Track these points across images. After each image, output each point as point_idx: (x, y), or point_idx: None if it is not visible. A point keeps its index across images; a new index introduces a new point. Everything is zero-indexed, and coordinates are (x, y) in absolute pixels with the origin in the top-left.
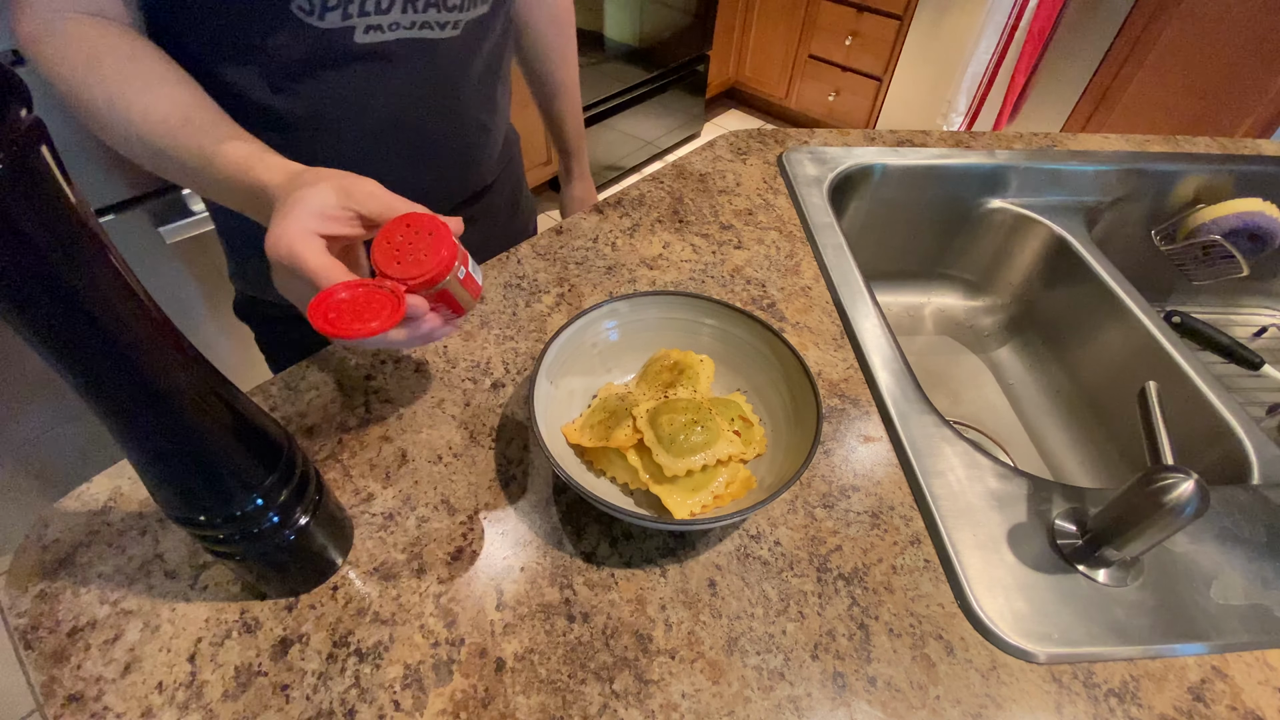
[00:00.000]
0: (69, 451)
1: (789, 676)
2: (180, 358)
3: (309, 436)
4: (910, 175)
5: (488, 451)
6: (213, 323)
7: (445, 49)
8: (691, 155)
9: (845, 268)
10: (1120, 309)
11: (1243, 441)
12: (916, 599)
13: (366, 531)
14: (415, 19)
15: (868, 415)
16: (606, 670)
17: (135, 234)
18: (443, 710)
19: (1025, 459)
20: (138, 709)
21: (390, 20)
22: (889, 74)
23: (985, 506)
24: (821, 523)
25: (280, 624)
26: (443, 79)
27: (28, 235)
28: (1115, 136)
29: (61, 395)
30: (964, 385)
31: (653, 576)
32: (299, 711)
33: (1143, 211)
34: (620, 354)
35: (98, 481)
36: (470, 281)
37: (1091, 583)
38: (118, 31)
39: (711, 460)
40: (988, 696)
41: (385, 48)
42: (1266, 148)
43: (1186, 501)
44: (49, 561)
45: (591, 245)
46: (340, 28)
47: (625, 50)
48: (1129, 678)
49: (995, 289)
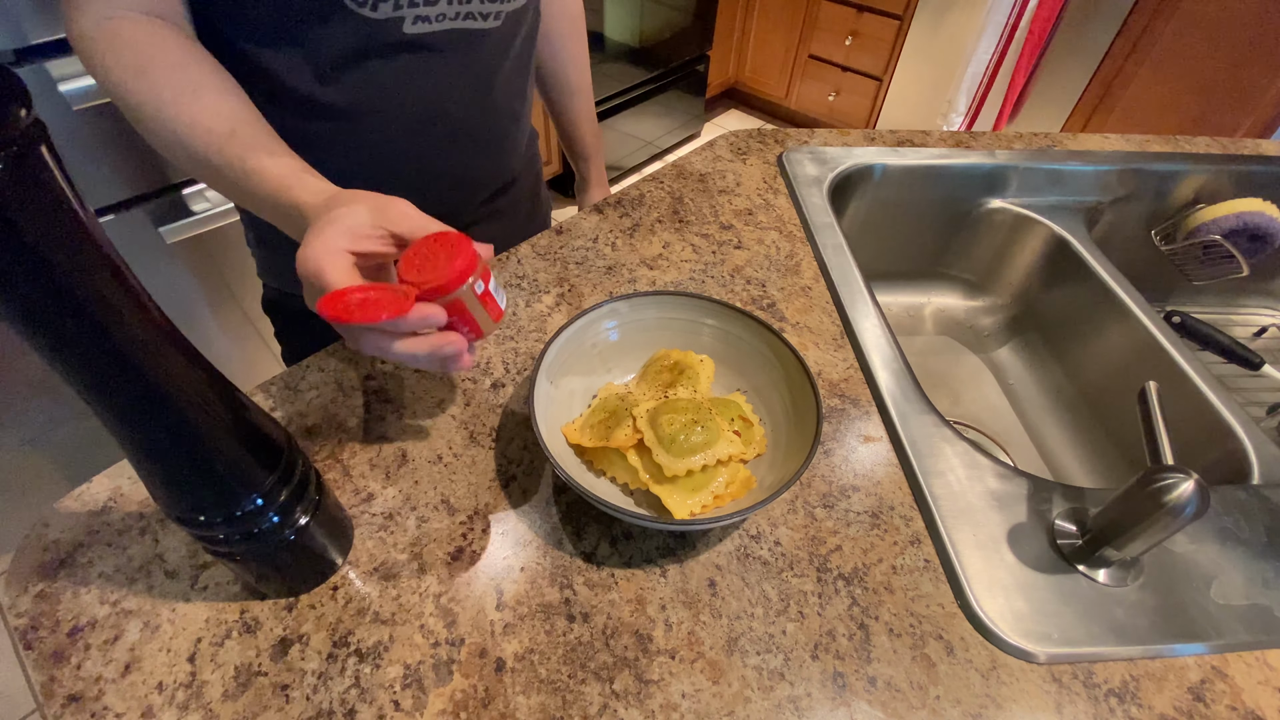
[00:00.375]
0: (69, 451)
1: (789, 676)
2: (180, 358)
3: (309, 436)
4: (910, 175)
5: (488, 451)
6: (213, 323)
7: (487, 40)
8: (691, 155)
9: (845, 268)
10: (1120, 309)
11: (1243, 441)
12: (916, 599)
13: (366, 531)
14: (461, 9)
15: (868, 415)
16: (606, 670)
17: (135, 234)
18: (443, 710)
19: (1025, 459)
20: (138, 709)
21: (438, 11)
22: (889, 74)
23: (985, 506)
24: (821, 523)
25: (280, 624)
26: (482, 69)
27: (27, 235)
28: (1115, 136)
29: (61, 395)
30: (964, 385)
31: (653, 576)
32: (299, 711)
33: (1143, 211)
34: (620, 354)
35: (98, 481)
36: (490, 300)
37: (1091, 583)
38: (170, 35)
39: (711, 460)
40: (988, 696)
41: (432, 38)
42: (1266, 148)
43: (1186, 501)
44: (49, 561)
45: (591, 245)
46: (390, 18)
47: (625, 50)
48: (1129, 678)
49: (995, 289)
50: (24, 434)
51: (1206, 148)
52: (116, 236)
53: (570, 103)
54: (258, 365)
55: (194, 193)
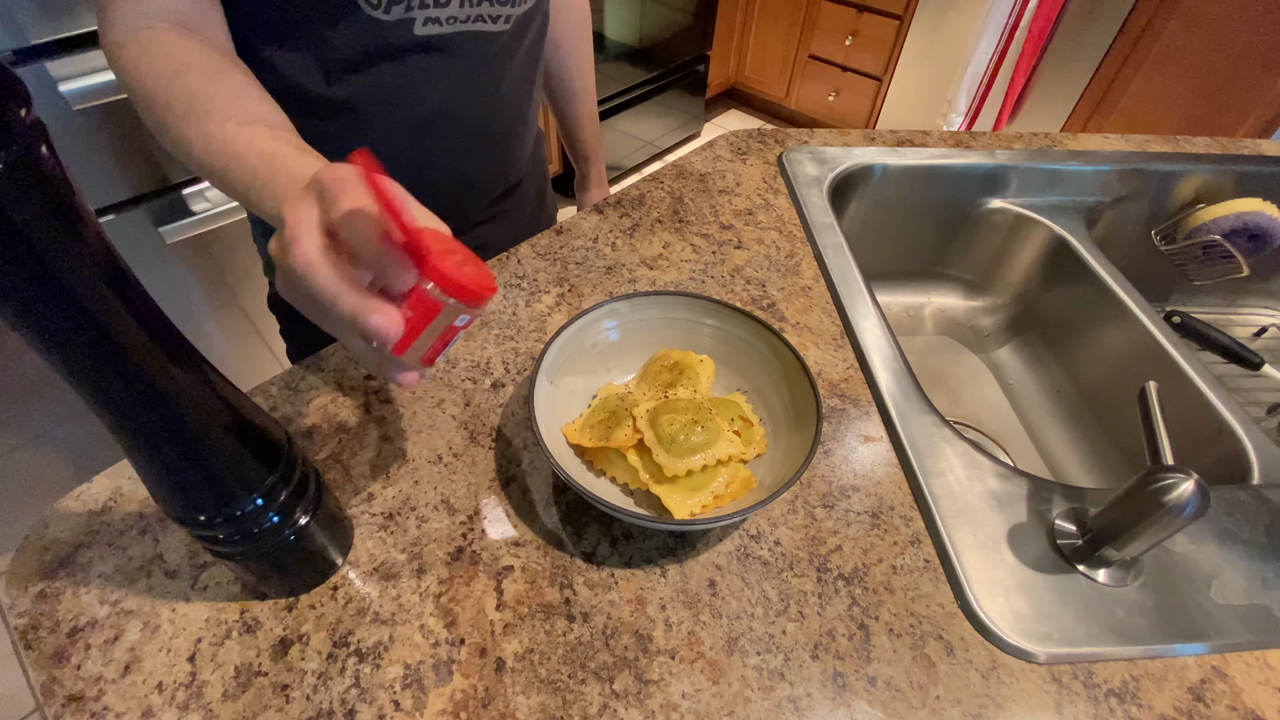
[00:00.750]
0: (69, 451)
1: (789, 676)
2: (180, 358)
3: (309, 436)
4: (910, 175)
5: (488, 451)
6: (213, 323)
7: (495, 42)
8: (691, 155)
9: (845, 268)
10: (1120, 309)
11: (1243, 441)
12: (916, 599)
13: (366, 531)
14: (471, 12)
15: (868, 415)
16: (606, 670)
17: (135, 234)
18: (443, 710)
19: (1025, 459)
20: (138, 709)
21: (448, 14)
22: (889, 74)
23: (985, 506)
24: (821, 523)
25: (280, 624)
26: (490, 71)
27: (27, 235)
28: (1115, 136)
29: (61, 395)
30: (964, 385)
31: (653, 576)
32: (299, 711)
33: (1143, 211)
34: (620, 354)
35: (98, 481)
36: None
37: (1091, 583)
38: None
39: (711, 460)
40: (988, 696)
41: (441, 40)
42: (1266, 148)
43: (1186, 501)
44: (49, 561)
45: (591, 245)
46: (402, 20)
47: (625, 50)
48: (1129, 678)
49: (995, 289)
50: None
51: (1206, 148)
52: (116, 236)
53: (573, 105)
54: (258, 365)
55: (194, 193)
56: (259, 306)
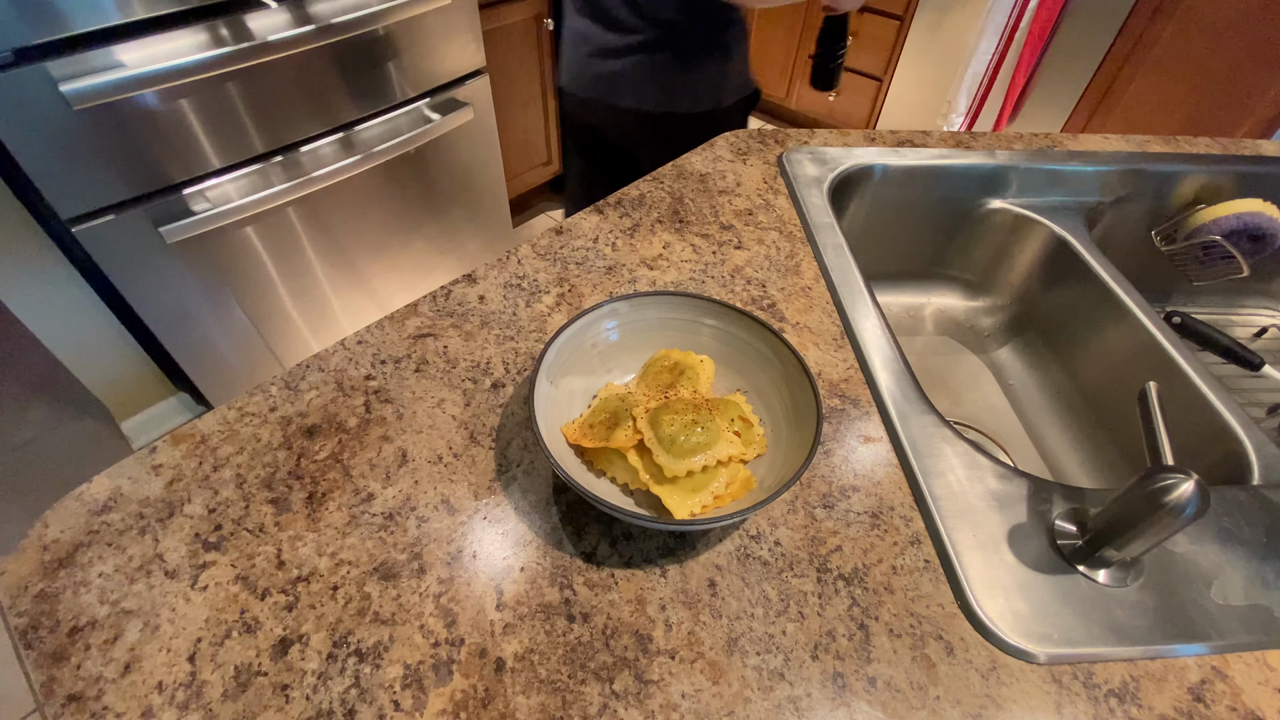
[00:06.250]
0: (69, 451)
1: (789, 677)
2: None
3: (309, 437)
4: (910, 176)
5: (488, 451)
6: (213, 322)
7: None
8: (691, 155)
9: (845, 268)
10: (1120, 309)
11: (1243, 441)
12: (916, 599)
13: (366, 531)
14: None
15: (868, 415)
16: (606, 670)
17: (135, 234)
18: (443, 710)
19: (1025, 459)
20: (138, 709)
21: None
22: (889, 74)
23: (985, 507)
24: (821, 523)
25: (280, 624)
26: None
27: None
28: (1115, 136)
29: (61, 395)
30: (964, 385)
31: (653, 576)
32: (299, 711)
33: (1143, 211)
34: (620, 354)
35: (98, 481)
36: None
37: (1091, 583)
38: None
39: (711, 461)
40: (988, 697)
41: None
42: (1266, 148)
43: (1186, 502)
44: (49, 561)
45: (591, 245)
46: None
47: None
48: (1129, 678)
49: (995, 289)
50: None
51: (1206, 148)
52: (117, 236)
53: None
54: (258, 365)
55: (194, 193)
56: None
